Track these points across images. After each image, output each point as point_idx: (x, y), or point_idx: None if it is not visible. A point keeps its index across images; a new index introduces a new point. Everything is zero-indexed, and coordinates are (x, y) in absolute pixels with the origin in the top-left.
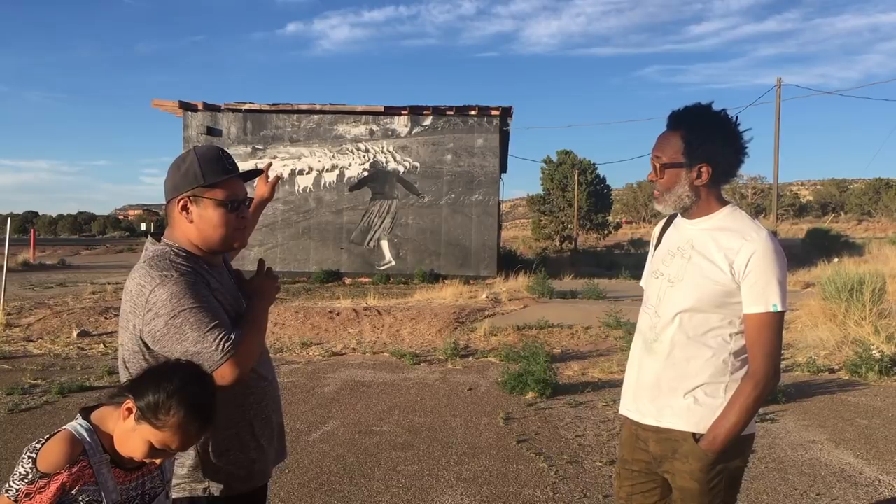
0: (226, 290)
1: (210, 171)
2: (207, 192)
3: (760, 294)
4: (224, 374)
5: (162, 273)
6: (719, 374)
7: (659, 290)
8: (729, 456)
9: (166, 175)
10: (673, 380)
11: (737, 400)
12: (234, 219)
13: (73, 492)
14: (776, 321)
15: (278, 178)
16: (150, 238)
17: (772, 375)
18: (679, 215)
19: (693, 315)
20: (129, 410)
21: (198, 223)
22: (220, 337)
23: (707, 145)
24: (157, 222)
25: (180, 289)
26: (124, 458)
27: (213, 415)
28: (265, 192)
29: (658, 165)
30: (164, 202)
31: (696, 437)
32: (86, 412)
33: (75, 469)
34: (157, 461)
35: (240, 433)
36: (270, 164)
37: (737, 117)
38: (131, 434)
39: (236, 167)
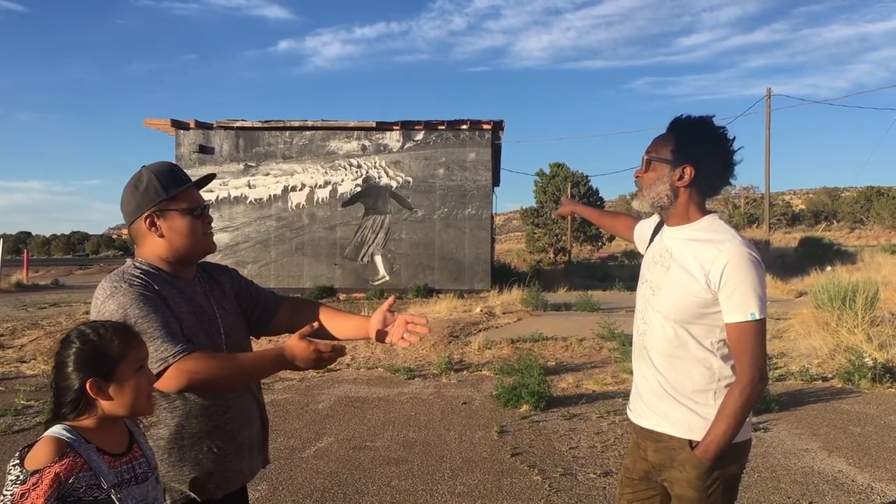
0: (186, 302)
1: (169, 183)
2: (172, 203)
3: (738, 304)
4: (161, 383)
5: (112, 285)
6: (707, 382)
7: (644, 296)
8: (725, 462)
9: (122, 198)
10: (665, 387)
11: (726, 407)
12: (200, 225)
13: (69, 482)
14: (756, 328)
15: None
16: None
17: (757, 380)
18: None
19: (675, 324)
20: (96, 388)
21: (168, 236)
22: (160, 348)
23: (695, 148)
24: None
25: (127, 299)
26: (108, 445)
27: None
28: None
29: (646, 159)
30: (127, 224)
31: (692, 445)
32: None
33: (65, 460)
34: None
35: (196, 444)
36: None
37: (734, 137)
38: (121, 390)
39: (189, 177)
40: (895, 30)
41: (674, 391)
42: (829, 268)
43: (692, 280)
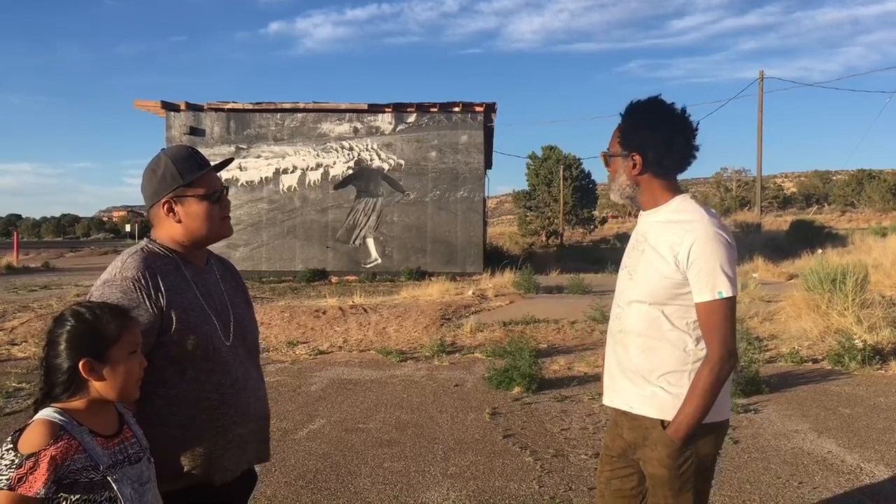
0: (195, 287)
1: (186, 169)
2: (189, 190)
3: (706, 282)
4: None
5: (107, 279)
6: (682, 363)
7: (622, 282)
8: (697, 442)
9: (143, 182)
10: (640, 368)
11: (695, 386)
12: (217, 209)
13: (65, 464)
14: (724, 307)
15: None
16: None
17: (726, 359)
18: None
19: (650, 306)
20: (88, 368)
21: (185, 221)
22: None
23: (636, 135)
24: (142, 224)
25: (112, 292)
26: (99, 427)
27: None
28: None
29: (603, 155)
30: (146, 208)
31: (664, 425)
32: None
33: (60, 443)
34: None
35: (185, 435)
36: None
37: (679, 110)
38: (113, 373)
39: (208, 162)
40: (887, 13)
41: (648, 372)
42: (819, 250)
43: (663, 261)
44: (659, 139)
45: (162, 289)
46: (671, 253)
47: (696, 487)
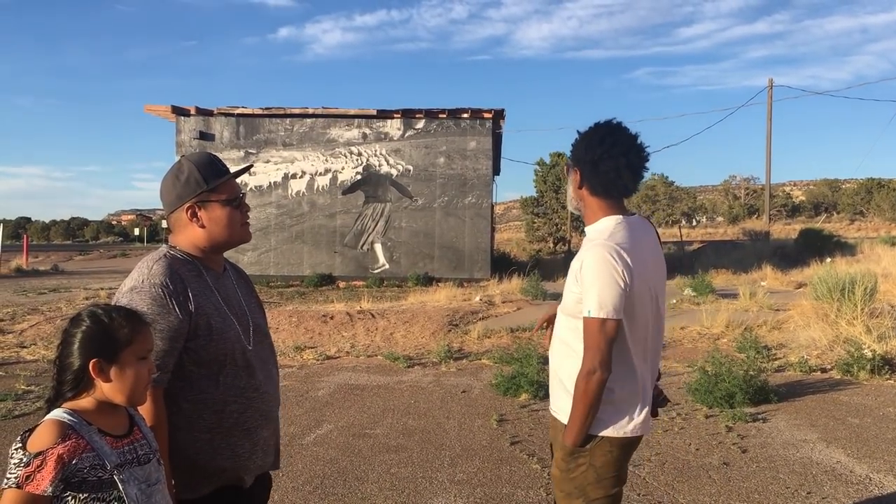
0: (216, 293)
1: (210, 174)
2: (212, 195)
3: (585, 301)
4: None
5: (139, 279)
6: None
7: None
8: (593, 452)
9: (163, 188)
10: (560, 374)
11: (573, 395)
12: (238, 215)
13: (73, 463)
14: (592, 325)
15: None
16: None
17: (592, 371)
18: None
19: (567, 319)
20: (98, 368)
21: (209, 226)
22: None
23: (576, 152)
24: (150, 227)
25: (141, 299)
26: (109, 427)
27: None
28: None
29: (565, 166)
30: (167, 213)
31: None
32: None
33: (68, 442)
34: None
35: (213, 439)
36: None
37: (619, 138)
38: (121, 376)
39: (228, 168)
40: None
41: (565, 378)
42: (828, 259)
43: (573, 278)
44: (588, 160)
45: (190, 294)
46: (574, 271)
47: (589, 497)
